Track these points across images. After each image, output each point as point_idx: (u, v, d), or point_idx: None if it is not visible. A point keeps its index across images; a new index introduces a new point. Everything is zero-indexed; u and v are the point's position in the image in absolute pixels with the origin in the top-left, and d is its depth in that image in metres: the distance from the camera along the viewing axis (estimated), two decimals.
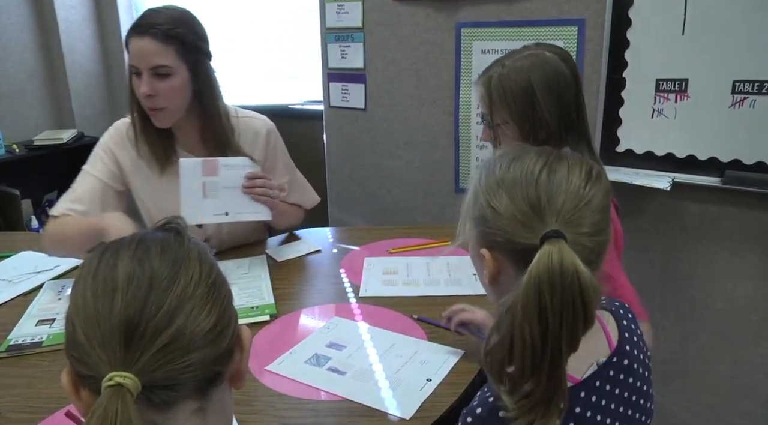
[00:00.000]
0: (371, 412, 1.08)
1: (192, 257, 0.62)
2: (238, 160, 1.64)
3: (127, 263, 0.58)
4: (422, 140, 2.62)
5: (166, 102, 1.57)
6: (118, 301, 0.56)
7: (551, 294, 0.69)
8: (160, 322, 0.55)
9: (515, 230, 0.77)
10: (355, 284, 1.60)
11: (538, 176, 0.79)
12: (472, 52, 2.34)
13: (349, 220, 2.96)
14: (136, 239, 0.62)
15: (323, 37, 2.81)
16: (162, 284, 0.57)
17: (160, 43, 1.52)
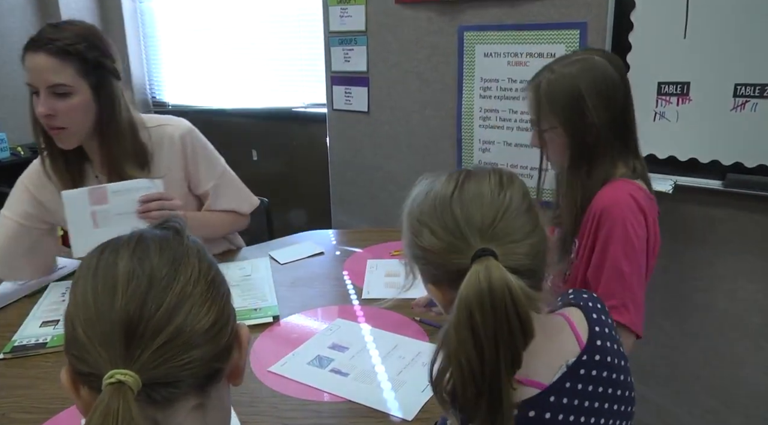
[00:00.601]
0: (373, 413, 1.09)
1: (191, 255, 0.63)
2: (130, 183, 1.52)
3: (126, 262, 0.59)
4: (425, 142, 2.62)
5: (66, 122, 1.46)
6: (118, 299, 0.56)
7: (482, 315, 0.69)
8: (160, 320, 0.56)
9: (447, 260, 0.78)
10: (358, 286, 1.61)
11: (450, 201, 0.80)
12: (474, 55, 2.35)
13: (352, 222, 2.96)
14: (135, 238, 0.62)
15: (326, 41, 2.82)
16: (162, 282, 0.58)
17: (56, 60, 1.41)
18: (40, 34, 1.42)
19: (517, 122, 2.31)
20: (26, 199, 1.61)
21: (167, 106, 4.03)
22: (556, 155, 1.41)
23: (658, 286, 2.12)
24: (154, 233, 0.64)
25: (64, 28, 1.45)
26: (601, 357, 0.84)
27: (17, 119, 3.61)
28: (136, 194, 1.51)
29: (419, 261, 0.84)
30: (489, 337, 0.69)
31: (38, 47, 1.40)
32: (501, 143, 2.36)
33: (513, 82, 2.28)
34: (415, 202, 0.85)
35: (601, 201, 1.33)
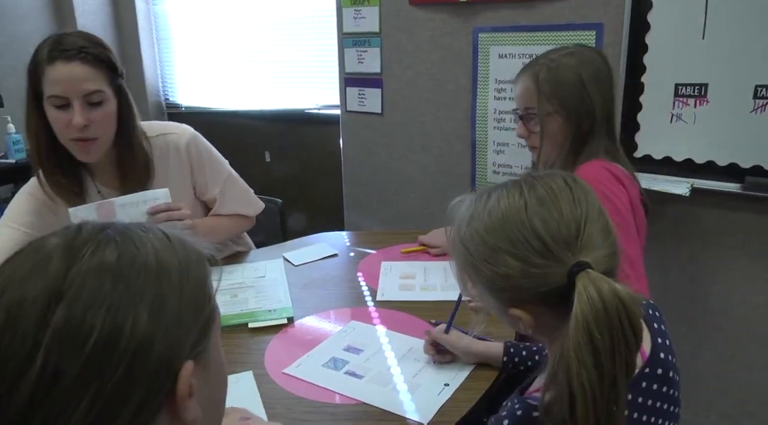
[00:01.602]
0: (389, 416, 1.08)
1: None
2: (136, 196, 1.50)
3: None
4: (438, 144, 2.62)
5: (99, 132, 1.43)
6: None
7: (601, 332, 0.67)
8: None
9: (538, 282, 0.75)
10: (372, 288, 1.60)
11: (525, 217, 0.75)
12: (489, 56, 2.34)
13: (365, 224, 2.96)
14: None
15: (340, 42, 2.82)
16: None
17: (90, 68, 1.38)
18: (64, 43, 1.36)
19: None
20: (30, 209, 1.54)
21: (180, 107, 4.04)
22: (550, 143, 1.44)
23: (674, 289, 2.10)
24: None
25: (83, 36, 1.42)
26: (663, 371, 0.83)
27: None
28: (144, 206, 1.50)
29: (495, 289, 0.79)
30: (608, 353, 0.67)
31: (71, 57, 1.36)
32: (515, 145, 2.35)
33: None
34: (472, 226, 0.79)
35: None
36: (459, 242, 0.82)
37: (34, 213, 1.53)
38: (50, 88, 1.36)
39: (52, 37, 1.39)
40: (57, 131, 1.42)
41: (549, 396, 0.71)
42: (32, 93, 1.40)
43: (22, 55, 3.54)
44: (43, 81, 1.36)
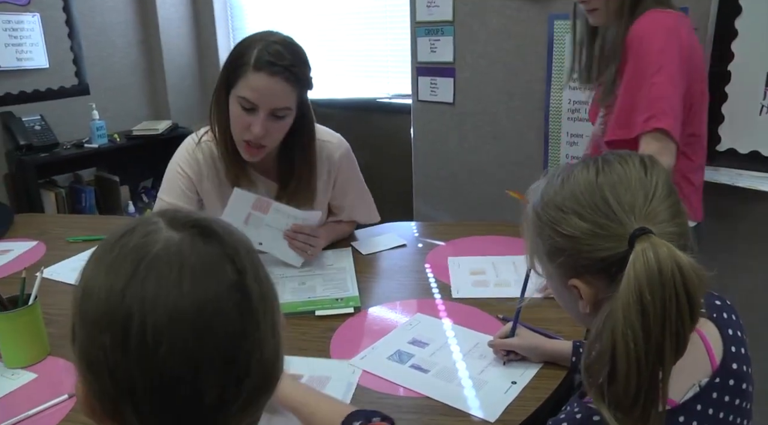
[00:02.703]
0: (453, 412, 1.06)
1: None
2: (292, 210, 1.60)
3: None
4: (511, 135, 2.56)
5: (270, 142, 1.50)
6: None
7: (652, 294, 0.65)
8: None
9: (598, 246, 0.74)
10: (440, 280, 1.58)
11: (596, 184, 0.76)
12: (564, 45, 2.27)
13: (435, 214, 2.94)
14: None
15: (413, 31, 2.80)
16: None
17: (288, 86, 1.43)
18: (274, 56, 1.40)
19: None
20: (183, 183, 1.62)
21: None
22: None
23: (761, 292, 1.98)
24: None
25: (288, 48, 1.45)
26: (735, 382, 0.79)
27: (115, 109, 3.80)
28: (293, 220, 1.61)
29: (558, 255, 0.79)
30: (657, 318, 0.65)
31: (276, 72, 1.40)
32: (589, 137, 2.27)
33: None
34: (547, 194, 0.81)
35: (635, 30, 1.45)
36: (532, 210, 0.84)
37: (186, 186, 1.62)
38: (245, 91, 1.41)
39: (262, 40, 1.43)
40: (233, 126, 1.48)
41: (592, 354, 0.70)
42: (225, 82, 1.46)
43: (108, 45, 3.72)
44: (241, 80, 1.42)
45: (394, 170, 3.43)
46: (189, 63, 4.13)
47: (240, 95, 1.42)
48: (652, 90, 1.43)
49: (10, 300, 1.25)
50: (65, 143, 3.47)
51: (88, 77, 3.66)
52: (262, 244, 1.64)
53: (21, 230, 2.08)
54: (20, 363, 1.24)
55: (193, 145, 1.62)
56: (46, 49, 3.44)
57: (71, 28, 3.56)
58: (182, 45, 4.05)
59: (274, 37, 1.45)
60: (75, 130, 3.55)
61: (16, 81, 3.37)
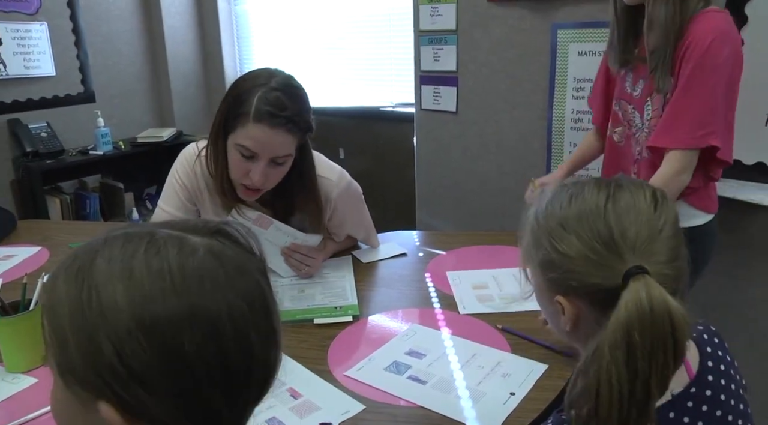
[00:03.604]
0: (451, 423, 1.06)
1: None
2: (291, 230, 1.61)
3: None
4: (514, 145, 2.56)
5: (268, 185, 1.48)
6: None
7: (642, 335, 0.66)
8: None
9: (591, 272, 0.74)
10: (440, 289, 1.58)
11: (604, 210, 0.75)
12: (568, 54, 2.27)
13: (437, 224, 2.93)
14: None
15: (416, 40, 2.80)
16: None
17: (290, 136, 1.40)
18: (278, 108, 1.35)
19: None
20: (182, 194, 1.61)
21: None
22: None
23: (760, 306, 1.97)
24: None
25: (291, 95, 1.39)
26: (713, 393, 0.79)
27: (120, 116, 3.82)
28: (292, 238, 1.62)
29: (550, 269, 0.78)
30: (644, 359, 0.66)
31: (278, 124, 1.36)
32: None
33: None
34: (552, 206, 0.80)
35: (694, 32, 1.42)
36: (532, 216, 0.83)
37: (184, 196, 1.61)
38: (244, 140, 1.37)
39: (262, 85, 1.37)
40: (231, 169, 1.45)
41: (577, 389, 0.70)
42: (223, 126, 1.42)
43: (113, 54, 3.75)
44: (240, 129, 1.37)
45: (397, 178, 3.43)
46: (194, 71, 4.15)
47: (239, 144, 1.38)
48: (709, 103, 1.43)
49: (11, 305, 1.25)
50: (71, 150, 3.49)
51: (93, 85, 3.69)
52: None
53: (25, 235, 2.09)
54: (21, 368, 1.24)
55: (193, 156, 1.60)
56: (53, 57, 3.48)
57: (78, 37, 3.59)
58: (187, 53, 4.08)
59: (275, 82, 1.38)
60: (80, 137, 3.58)
61: (24, 88, 3.39)
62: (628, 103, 1.65)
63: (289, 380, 1.17)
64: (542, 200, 0.83)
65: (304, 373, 1.21)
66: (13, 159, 3.39)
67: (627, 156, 1.68)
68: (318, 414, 1.08)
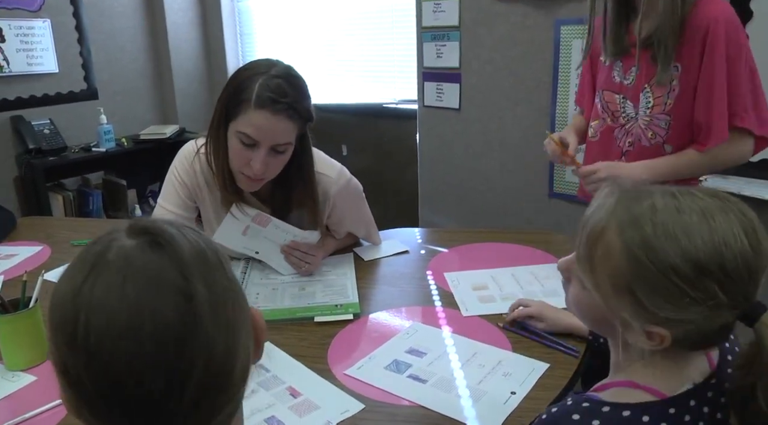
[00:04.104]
0: (451, 422, 1.05)
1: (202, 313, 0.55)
2: (291, 227, 1.60)
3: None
4: (517, 142, 2.55)
5: (269, 174, 1.47)
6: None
7: None
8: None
9: (717, 315, 0.70)
10: (441, 287, 1.57)
11: (742, 248, 0.69)
12: (571, 50, 2.26)
13: (440, 221, 2.93)
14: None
15: (419, 36, 2.79)
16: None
17: (290, 123, 1.39)
18: (278, 93, 1.36)
19: None
20: (182, 192, 1.61)
21: None
22: None
23: None
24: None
25: (291, 83, 1.40)
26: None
27: (123, 113, 3.82)
28: (291, 236, 1.61)
29: (667, 310, 0.71)
30: None
31: (279, 110, 1.36)
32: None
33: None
34: (671, 239, 0.69)
35: (706, 15, 1.41)
36: (637, 245, 0.71)
37: (184, 194, 1.61)
38: (245, 127, 1.37)
39: (262, 73, 1.37)
40: (232, 159, 1.45)
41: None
42: (224, 114, 1.42)
43: (116, 50, 3.75)
44: (242, 116, 1.37)
45: (400, 175, 3.43)
46: (197, 68, 4.14)
47: (240, 131, 1.38)
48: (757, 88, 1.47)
49: (11, 303, 1.25)
50: (73, 146, 3.49)
51: (96, 82, 3.69)
52: (259, 253, 1.64)
53: (27, 233, 2.08)
54: (20, 366, 1.23)
55: (192, 154, 1.59)
56: (56, 54, 3.48)
57: (81, 34, 3.59)
58: (190, 50, 4.07)
59: (275, 70, 1.39)
60: (83, 134, 3.58)
61: (27, 85, 3.40)
62: (615, 93, 1.62)
63: (289, 379, 1.17)
64: (643, 221, 0.72)
65: (303, 372, 1.20)
66: (16, 156, 3.40)
67: (607, 150, 1.65)
68: (317, 413, 1.08)
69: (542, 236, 1.87)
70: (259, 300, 1.51)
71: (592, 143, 1.71)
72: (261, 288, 1.58)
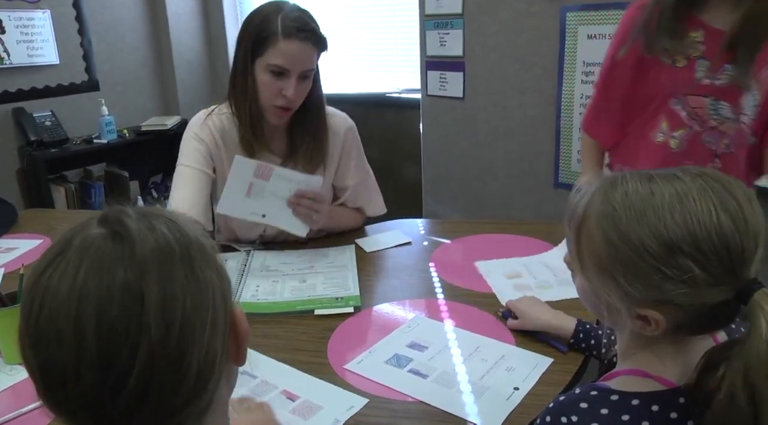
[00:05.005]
0: (452, 419, 1.02)
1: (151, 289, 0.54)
2: (293, 174, 1.61)
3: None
4: (522, 130, 2.51)
5: (298, 103, 1.58)
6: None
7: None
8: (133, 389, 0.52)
9: (704, 292, 0.68)
10: (444, 279, 1.54)
11: (719, 225, 0.68)
12: (577, 37, 2.22)
13: (444, 211, 2.90)
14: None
15: (422, 24, 2.75)
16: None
17: (315, 49, 1.53)
18: (302, 22, 1.50)
19: None
20: (201, 148, 1.65)
21: None
22: None
23: None
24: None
25: (307, 14, 1.55)
26: None
27: (124, 104, 3.80)
28: (295, 185, 1.61)
29: (649, 291, 0.71)
30: None
31: (307, 38, 1.49)
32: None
33: None
34: (647, 220, 0.70)
35: None
36: (610, 228, 0.73)
37: (204, 152, 1.65)
38: (276, 58, 1.49)
39: (279, 10, 1.51)
40: (263, 94, 1.55)
41: (719, 417, 0.67)
42: (250, 53, 1.52)
43: (117, 41, 3.72)
44: (269, 49, 1.49)
45: (404, 166, 3.40)
46: (198, 59, 4.11)
47: (271, 63, 1.49)
48: None
49: (8, 297, 1.24)
50: (75, 138, 3.47)
51: (97, 73, 3.66)
52: (266, 216, 1.63)
53: (28, 226, 2.07)
54: (19, 360, 1.22)
55: (203, 117, 1.67)
56: (57, 45, 3.45)
57: (81, 25, 3.56)
58: (191, 41, 4.04)
59: (288, 6, 1.53)
60: (84, 125, 3.56)
61: (28, 77, 3.38)
62: (703, 96, 1.47)
63: (280, 382, 1.13)
64: (614, 206, 0.73)
65: (294, 373, 1.16)
66: (18, 148, 3.38)
67: (694, 157, 1.52)
68: (322, 413, 1.05)
69: (547, 226, 1.84)
70: (259, 293, 1.49)
71: (673, 154, 1.54)
72: (261, 280, 1.56)
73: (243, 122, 1.61)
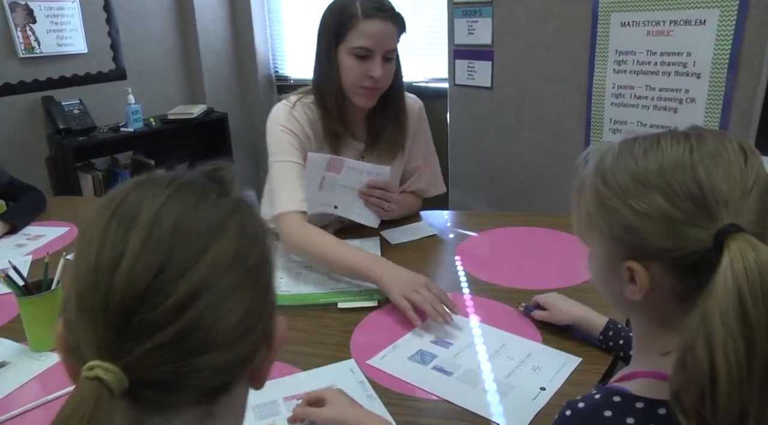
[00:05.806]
0: (476, 418, 1.00)
1: (229, 228, 0.51)
2: (364, 165, 1.63)
3: (145, 223, 0.48)
4: (551, 121, 2.46)
5: (384, 84, 1.58)
6: (121, 274, 0.45)
7: (755, 302, 0.58)
8: (167, 311, 0.45)
9: (677, 233, 0.65)
10: (470, 273, 1.51)
11: (690, 162, 0.66)
12: (609, 25, 2.15)
13: (471, 203, 2.86)
14: (173, 185, 0.52)
15: (450, 12, 2.71)
16: (182, 263, 0.47)
17: (396, 28, 1.54)
18: (378, 3, 1.51)
19: (654, 100, 2.09)
20: (294, 141, 1.63)
21: (289, 80, 4.10)
22: None
23: None
24: (195, 181, 0.54)
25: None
26: None
27: (151, 93, 3.81)
28: (366, 176, 1.62)
29: (625, 233, 0.69)
30: (762, 329, 0.58)
31: (389, 17, 1.51)
32: (635, 124, 2.16)
33: (652, 54, 2.06)
34: (622, 161, 0.71)
35: None
36: (593, 175, 0.74)
37: (297, 144, 1.63)
38: (360, 40, 1.50)
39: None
40: (348, 77, 1.55)
41: (679, 379, 0.61)
42: (332, 40, 1.54)
43: (144, 30, 3.73)
44: (352, 32, 1.51)
45: None
46: (224, 47, 4.11)
47: (354, 46, 1.51)
48: None
49: (34, 285, 1.24)
50: (102, 126, 3.49)
51: (125, 62, 3.68)
52: (338, 207, 1.64)
53: (55, 213, 2.09)
54: (45, 347, 1.24)
55: (288, 108, 1.64)
56: (85, 34, 3.47)
57: (109, 14, 3.57)
58: (218, 30, 4.04)
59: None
60: (112, 114, 3.58)
61: (57, 66, 3.40)
62: None
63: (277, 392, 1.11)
64: (604, 157, 0.74)
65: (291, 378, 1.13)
66: (47, 136, 3.41)
67: None
68: None
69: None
70: (282, 284, 1.47)
71: None
72: (284, 272, 1.55)
73: (329, 111, 1.61)
